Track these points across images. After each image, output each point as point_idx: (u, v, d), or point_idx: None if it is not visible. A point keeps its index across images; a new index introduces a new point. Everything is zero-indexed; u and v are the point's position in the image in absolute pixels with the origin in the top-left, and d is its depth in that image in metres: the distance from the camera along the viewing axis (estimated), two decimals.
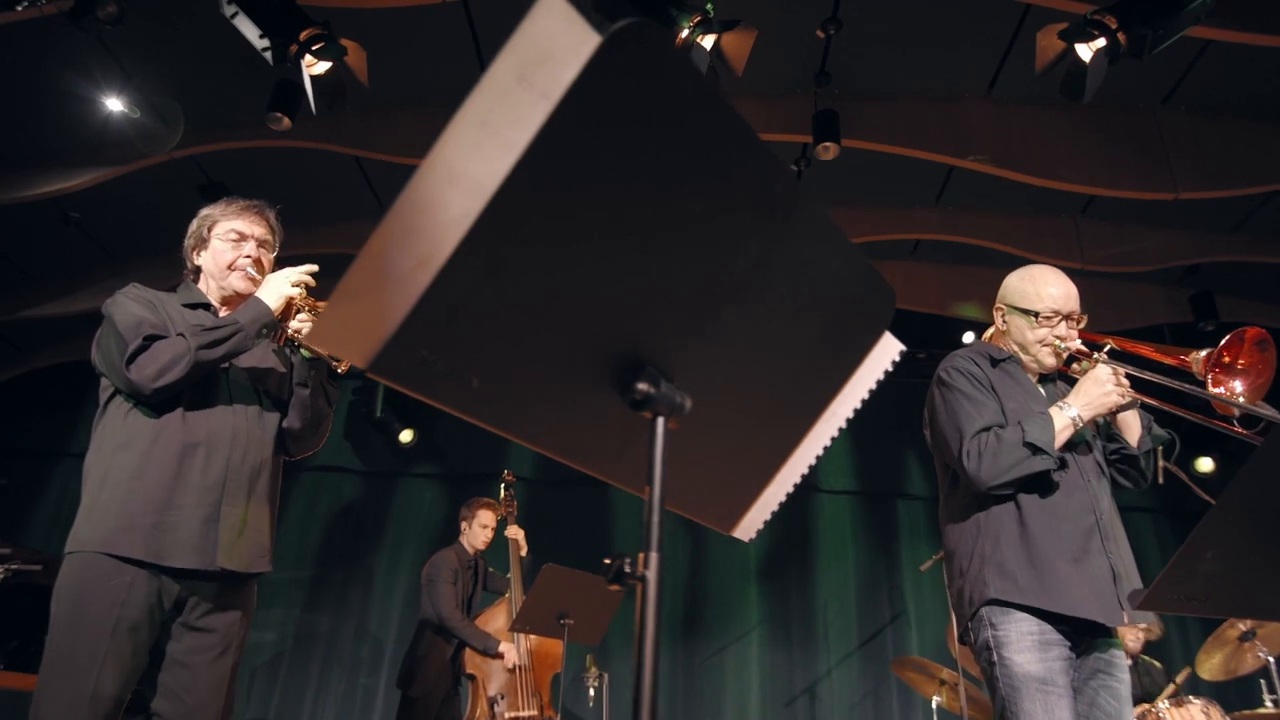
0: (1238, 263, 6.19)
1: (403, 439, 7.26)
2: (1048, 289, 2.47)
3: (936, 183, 6.04)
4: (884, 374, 1.20)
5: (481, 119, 0.73)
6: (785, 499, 1.23)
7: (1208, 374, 2.38)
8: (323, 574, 6.89)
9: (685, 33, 3.81)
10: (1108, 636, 2.23)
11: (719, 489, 1.16)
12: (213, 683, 2.12)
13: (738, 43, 3.90)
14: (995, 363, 2.48)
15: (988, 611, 2.20)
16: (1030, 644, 2.12)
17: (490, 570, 5.13)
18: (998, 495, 2.27)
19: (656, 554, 0.87)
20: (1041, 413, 2.27)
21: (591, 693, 4.81)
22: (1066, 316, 2.45)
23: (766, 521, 1.22)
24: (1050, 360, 2.47)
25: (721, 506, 1.18)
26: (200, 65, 5.09)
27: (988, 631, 2.19)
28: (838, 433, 1.22)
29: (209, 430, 2.22)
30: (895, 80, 5.46)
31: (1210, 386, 2.34)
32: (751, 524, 1.21)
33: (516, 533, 5.06)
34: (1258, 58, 4.65)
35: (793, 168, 5.54)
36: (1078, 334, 2.48)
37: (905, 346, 1.22)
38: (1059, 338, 2.45)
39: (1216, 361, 2.38)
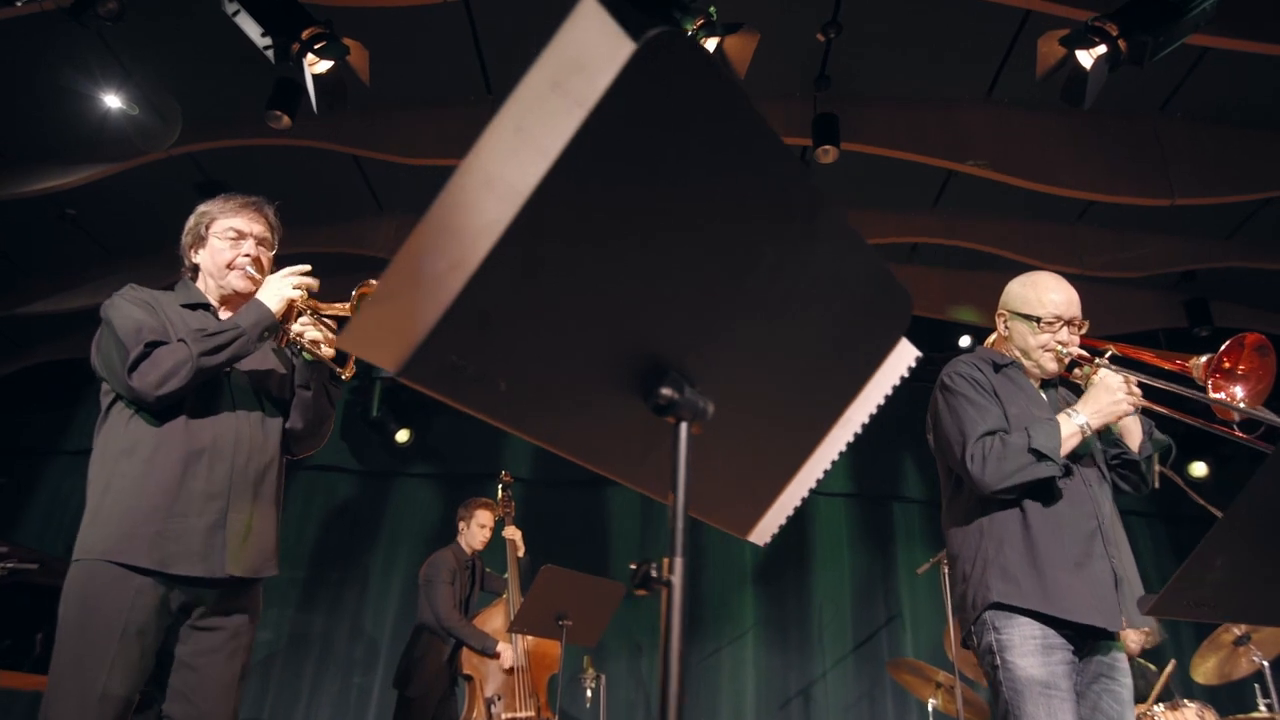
0: (1232, 269, 6.23)
1: (399, 439, 7.24)
2: (1049, 295, 2.49)
3: (935, 187, 6.05)
4: (900, 379, 1.21)
5: (517, 124, 0.73)
6: (800, 503, 1.24)
7: (1208, 379, 2.40)
8: (318, 574, 6.86)
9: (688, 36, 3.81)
10: (1110, 640, 2.24)
11: (736, 493, 1.16)
12: (223, 686, 2.11)
13: (740, 46, 3.91)
14: (998, 368, 2.49)
15: (991, 615, 2.21)
16: (1033, 648, 2.13)
17: (487, 571, 5.12)
18: (1000, 499, 2.29)
19: (681, 559, 0.87)
20: (1049, 419, 2.28)
21: (588, 694, 4.80)
22: (1068, 322, 2.48)
23: (781, 526, 1.23)
24: (1052, 365, 2.49)
25: (738, 511, 1.18)
26: (199, 63, 5.07)
27: (991, 635, 2.20)
28: (853, 438, 1.23)
29: (213, 435, 2.19)
30: (895, 84, 5.48)
31: (1211, 391, 2.36)
32: (767, 528, 1.22)
33: (514, 533, 5.05)
34: (1254, 65, 4.68)
35: None
36: (1079, 340, 2.50)
37: (920, 353, 1.22)
38: (1061, 343, 2.47)
39: (1217, 367, 2.40)
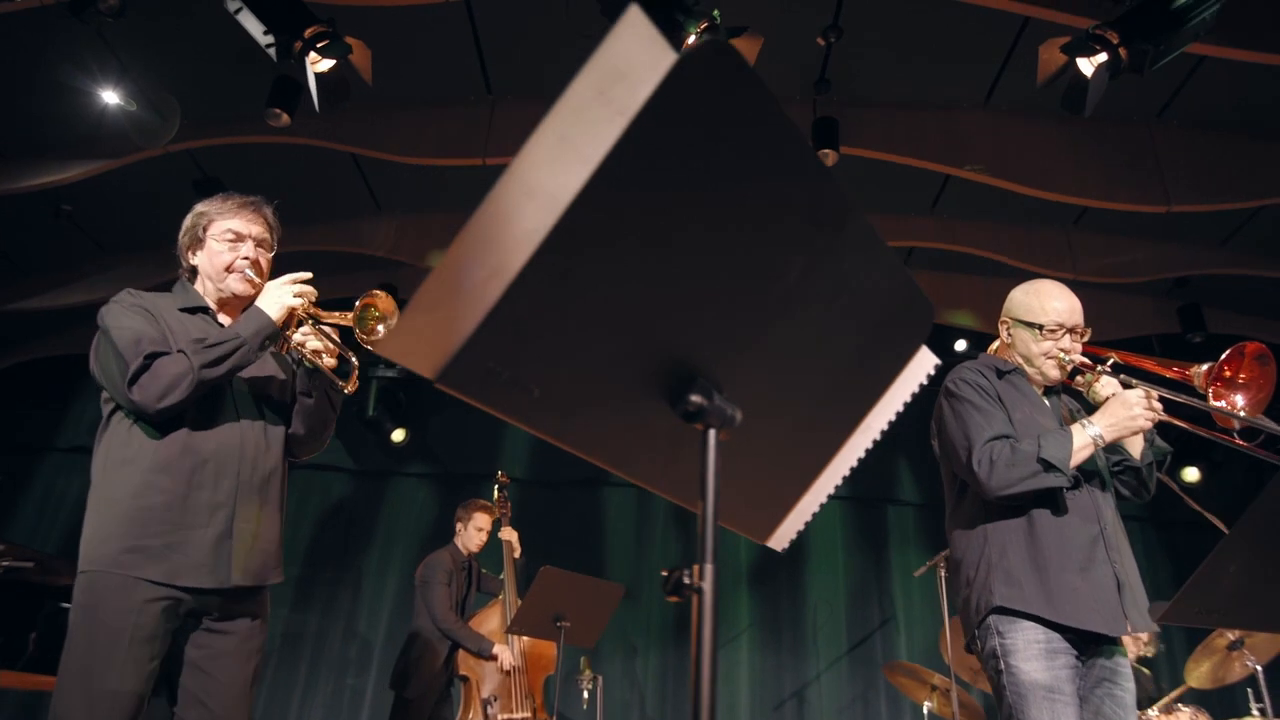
0: (1226, 275, 6.28)
1: (395, 438, 7.21)
2: (1052, 303, 2.51)
3: (932, 191, 6.08)
4: (919, 387, 1.22)
5: (561, 134, 0.73)
6: (818, 509, 1.25)
7: (1209, 387, 2.43)
8: (311, 573, 6.84)
9: (692, 39, 3.83)
10: (1113, 645, 2.26)
11: (757, 499, 1.17)
12: (238, 689, 2.10)
13: (743, 49, 3.93)
14: (1001, 374, 2.51)
15: (995, 620, 2.23)
16: (1037, 652, 2.15)
17: (484, 572, 5.11)
18: (1005, 505, 2.30)
19: (712, 565, 0.88)
20: (1063, 430, 2.30)
21: (585, 695, 4.80)
22: (1070, 330, 2.50)
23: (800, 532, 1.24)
24: (1054, 373, 2.51)
25: (758, 516, 1.19)
26: (198, 60, 5.05)
27: (995, 640, 2.21)
28: (872, 444, 1.23)
29: (217, 444, 2.17)
30: (894, 89, 5.50)
31: (1212, 399, 2.38)
32: (785, 534, 1.23)
33: (510, 534, 5.05)
34: (1250, 74, 4.72)
35: None
36: (1082, 347, 2.52)
37: (940, 360, 1.23)
38: (1063, 351, 2.49)
39: (1218, 375, 2.42)
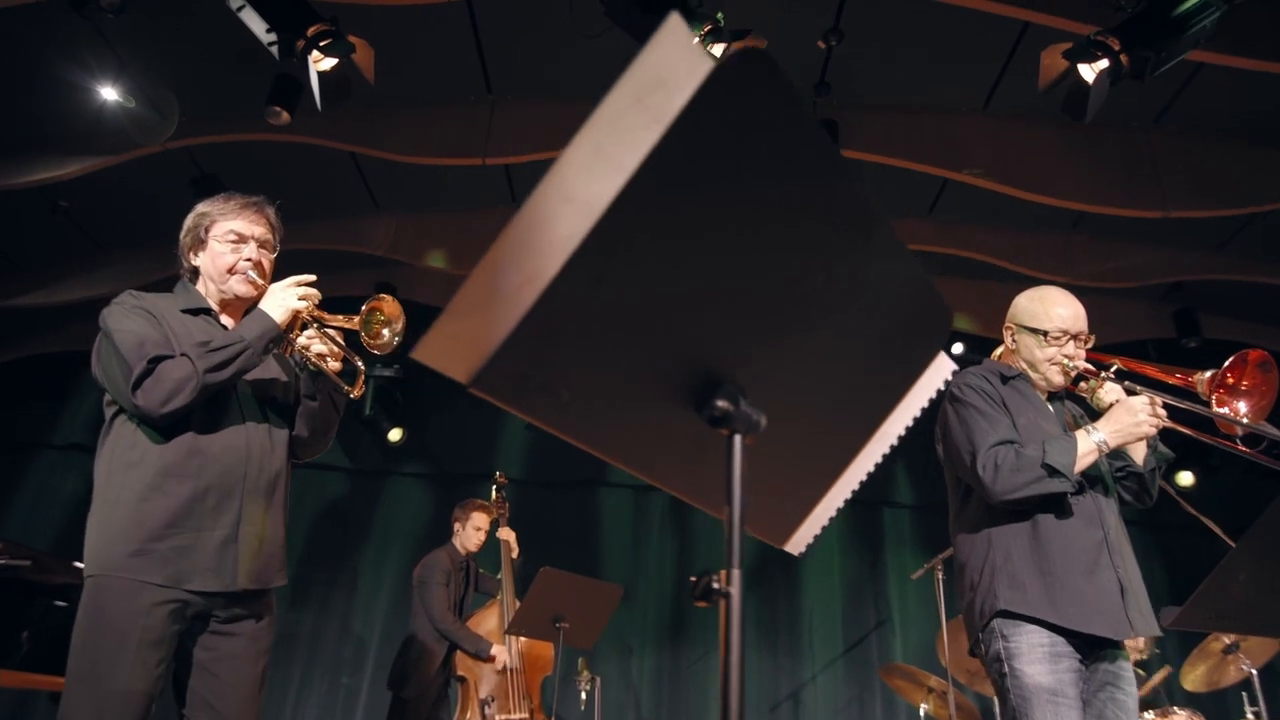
0: (1221, 281, 6.31)
1: (392, 438, 7.19)
2: (1056, 309, 2.53)
3: (931, 194, 6.10)
4: (936, 392, 1.22)
5: (598, 141, 0.73)
6: (834, 514, 1.25)
7: (1212, 394, 2.44)
8: (306, 573, 6.80)
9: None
10: (1116, 649, 2.27)
11: (776, 503, 1.17)
12: (246, 690, 2.10)
13: None
14: (1005, 380, 2.53)
15: (999, 623, 2.24)
16: (1041, 655, 2.16)
17: (481, 572, 5.11)
18: (1009, 510, 2.31)
19: (738, 571, 0.88)
20: (1067, 436, 2.31)
21: (582, 696, 4.80)
22: (1074, 336, 2.51)
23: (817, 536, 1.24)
24: (1058, 379, 2.52)
25: (776, 521, 1.19)
26: (198, 57, 5.03)
27: (999, 643, 2.22)
28: (889, 449, 1.24)
29: (223, 447, 2.16)
30: (894, 92, 5.52)
31: (1215, 406, 2.40)
32: (803, 539, 1.23)
33: (508, 535, 5.05)
34: (1248, 81, 4.75)
35: None
36: (1085, 354, 2.54)
37: (957, 366, 1.24)
38: (1067, 357, 2.50)
39: (1221, 382, 2.44)
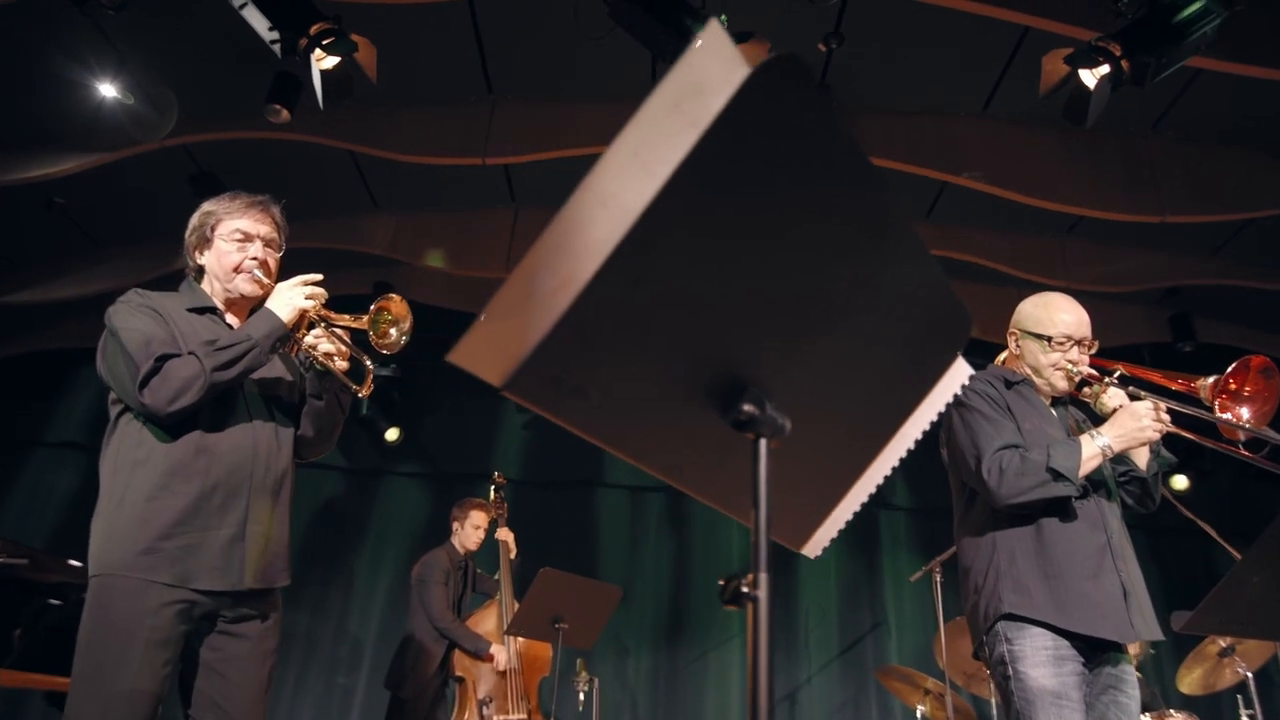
0: (1217, 286, 6.34)
1: (389, 437, 7.18)
2: (1060, 315, 2.54)
3: (929, 197, 6.12)
4: (953, 396, 1.23)
5: (635, 146, 0.74)
6: (851, 517, 1.26)
7: (1215, 399, 2.46)
8: (303, 572, 6.73)
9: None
10: (1119, 652, 2.29)
11: (794, 506, 1.18)
12: (253, 691, 2.08)
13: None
14: (1009, 385, 2.55)
15: (1003, 626, 2.25)
16: (1045, 659, 2.17)
17: (479, 572, 5.10)
18: (1014, 513, 2.32)
19: (766, 574, 0.88)
20: (1071, 440, 2.32)
21: (581, 696, 4.79)
22: (1078, 342, 2.53)
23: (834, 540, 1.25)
24: (1062, 384, 2.54)
25: (794, 523, 1.20)
26: (197, 54, 5.01)
27: (1003, 646, 2.23)
28: (906, 453, 1.24)
29: (230, 446, 2.15)
30: (894, 95, 5.53)
31: (1218, 411, 2.41)
32: (819, 542, 1.23)
33: (506, 535, 5.05)
34: (1246, 86, 4.78)
35: None
36: (1089, 359, 2.56)
37: (973, 370, 1.24)
38: (1071, 362, 2.52)
39: (1223, 388, 2.46)
